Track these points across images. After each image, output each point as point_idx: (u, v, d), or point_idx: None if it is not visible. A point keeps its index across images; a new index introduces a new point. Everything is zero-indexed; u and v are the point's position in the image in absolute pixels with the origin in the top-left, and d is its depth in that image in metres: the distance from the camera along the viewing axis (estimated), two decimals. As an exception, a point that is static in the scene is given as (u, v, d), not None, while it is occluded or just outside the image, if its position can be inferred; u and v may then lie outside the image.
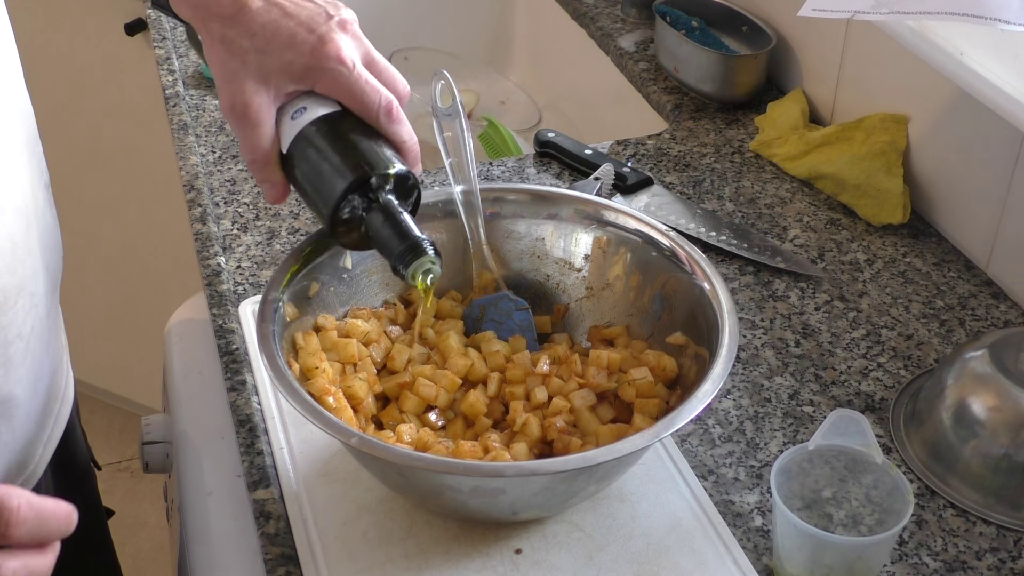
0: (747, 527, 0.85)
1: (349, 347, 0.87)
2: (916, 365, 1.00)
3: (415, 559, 0.81)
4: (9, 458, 0.87)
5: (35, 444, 0.91)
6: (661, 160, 1.28)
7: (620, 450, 0.75)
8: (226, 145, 1.28)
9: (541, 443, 0.84)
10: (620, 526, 0.84)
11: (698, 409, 0.77)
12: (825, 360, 1.00)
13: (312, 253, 0.89)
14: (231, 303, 1.04)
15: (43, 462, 0.93)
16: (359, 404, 0.84)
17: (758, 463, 0.90)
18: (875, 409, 0.96)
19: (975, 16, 0.85)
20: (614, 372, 0.88)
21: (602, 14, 1.59)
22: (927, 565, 0.83)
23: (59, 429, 0.96)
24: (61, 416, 0.96)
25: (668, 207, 1.17)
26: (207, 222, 1.14)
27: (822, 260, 1.13)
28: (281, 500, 0.86)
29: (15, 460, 0.88)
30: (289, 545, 0.83)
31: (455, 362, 0.88)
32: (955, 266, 1.12)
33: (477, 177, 0.94)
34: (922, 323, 1.05)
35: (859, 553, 0.77)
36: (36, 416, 0.90)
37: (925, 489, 0.89)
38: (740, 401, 0.96)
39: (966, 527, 0.86)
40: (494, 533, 0.83)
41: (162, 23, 1.52)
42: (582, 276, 0.96)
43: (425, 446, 0.82)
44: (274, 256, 1.10)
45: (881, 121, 1.19)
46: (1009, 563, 0.84)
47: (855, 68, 1.24)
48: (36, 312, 0.87)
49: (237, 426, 0.93)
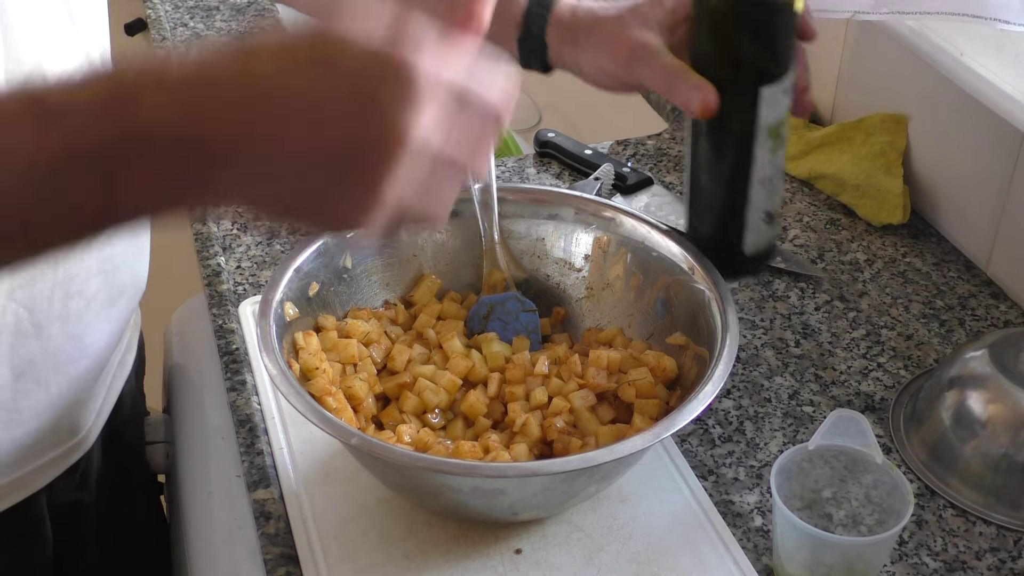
0: (747, 527, 0.85)
1: (349, 347, 0.87)
2: (916, 365, 1.00)
3: (415, 559, 0.81)
4: (58, 415, 0.89)
5: (87, 405, 0.93)
6: (661, 160, 1.27)
7: (620, 451, 0.75)
8: (226, 145, 1.27)
9: (541, 443, 0.84)
10: (620, 526, 0.84)
11: (698, 410, 0.77)
12: (825, 360, 1.00)
13: (312, 253, 0.89)
14: (231, 303, 1.04)
15: (95, 429, 0.95)
16: (359, 404, 0.84)
17: (758, 463, 0.90)
18: (875, 409, 0.96)
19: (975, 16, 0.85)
20: (614, 373, 0.88)
21: (602, 14, 1.59)
22: (927, 565, 0.83)
23: (112, 397, 0.98)
24: (114, 386, 0.98)
25: (668, 207, 1.17)
26: (207, 222, 1.14)
27: (822, 260, 1.13)
28: (281, 500, 0.86)
29: (65, 421, 0.90)
30: (289, 545, 0.83)
31: (456, 363, 0.88)
32: (955, 266, 1.12)
33: (495, 175, 0.94)
34: (922, 323, 1.05)
35: (859, 553, 0.77)
36: (89, 376, 0.92)
37: (925, 489, 0.89)
38: (740, 401, 0.96)
39: (966, 527, 0.86)
40: (494, 533, 0.83)
41: (162, 23, 1.52)
42: (582, 276, 0.96)
43: (425, 446, 0.82)
44: (274, 256, 1.10)
45: (881, 121, 1.19)
46: (1009, 563, 0.84)
47: (855, 68, 1.24)
48: (106, 277, 0.89)
49: (237, 426, 0.93)
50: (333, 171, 0.52)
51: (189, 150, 0.51)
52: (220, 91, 0.51)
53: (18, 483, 0.90)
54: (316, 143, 0.51)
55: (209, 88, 0.51)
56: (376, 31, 0.51)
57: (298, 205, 0.53)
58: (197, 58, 0.52)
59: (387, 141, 0.51)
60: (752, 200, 0.91)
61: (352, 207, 0.53)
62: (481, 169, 0.57)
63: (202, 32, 1.50)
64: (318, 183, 0.52)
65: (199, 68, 0.52)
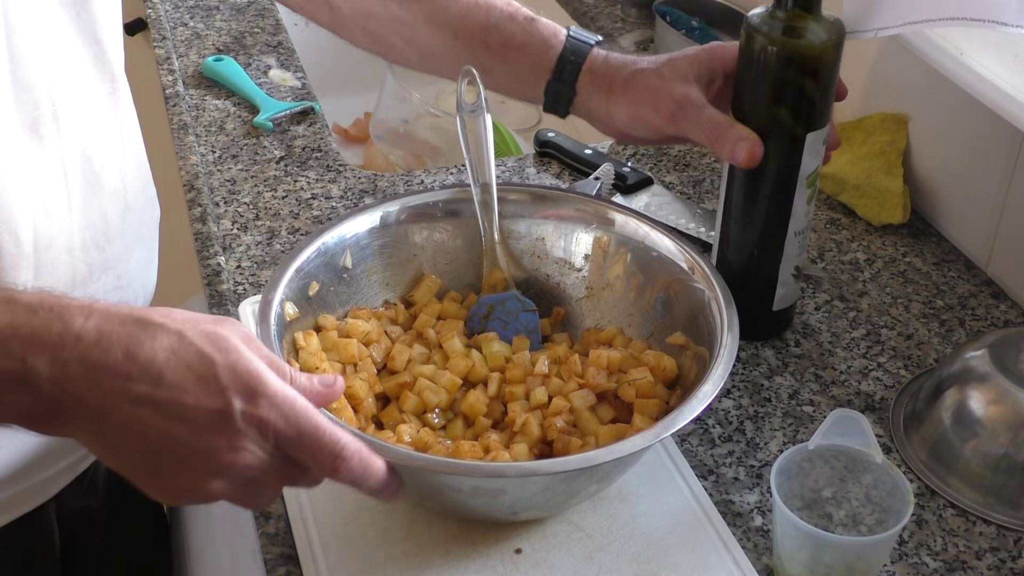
0: (747, 527, 0.85)
1: (349, 347, 0.87)
2: (916, 365, 1.00)
3: (415, 559, 0.81)
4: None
5: None
6: (661, 160, 1.28)
7: (621, 451, 0.75)
8: (226, 145, 1.28)
9: (541, 443, 0.84)
10: (620, 526, 0.84)
11: (698, 409, 0.77)
12: (825, 360, 1.00)
13: (312, 253, 0.89)
14: (231, 303, 1.04)
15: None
16: (359, 404, 0.84)
17: (758, 463, 0.90)
18: (875, 409, 0.96)
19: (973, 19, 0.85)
20: (614, 372, 0.88)
21: (602, 14, 1.59)
22: (927, 565, 0.83)
23: None
24: None
25: (668, 207, 1.17)
26: (207, 222, 1.14)
27: (822, 260, 1.13)
28: (281, 500, 0.86)
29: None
30: (289, 545, 0.83)
31: (456, 363, 0.88)
32: (955, 266, 1.12)
33: (495, 175, 0.94)
34: (922, 323, 1.05)
35: (859, 553, 0.77)
36: None
37: (925, 489, 0.89)
38: (740, 401, 0.96)
39: (966, 527, 0.86)
40: (494, 533, 0.83)
41: (162, 23, 1.52)
42: (582, 276, 0.96)
43: (425, 446, 0.82)
44: (274, 256, 1.10)
45: (881, 121, 1.19)
46: (1009, 563, 0.84)
47: (855, 68, 1.23)
48: (121, 293, 0.90)
49: (237, 426, 0.92)
50: (163, 461, 0.66)
51: (61, 402, 0.63)
52: (105, 372, 0.63)
53: (29, 492, 0.90)
54: (162, 437, 0.64)
55: (96, 369, 0.63)
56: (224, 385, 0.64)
57: (128, 472, 0.66)
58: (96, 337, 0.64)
59: (213, 463, 0.65)
60: (786, 252, 0.94)
61: (176, 493, 0.68)
62: (268, 504, 0.75)
63: (202, 32, 1.50)
64: (148, 465, 0.66)
65: (96, 350, 0.63)
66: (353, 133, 1.62)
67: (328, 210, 1.17)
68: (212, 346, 0.65)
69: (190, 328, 0.65)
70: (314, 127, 1.31)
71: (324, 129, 1.31)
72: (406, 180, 1.23)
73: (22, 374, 0.62)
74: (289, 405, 0.66)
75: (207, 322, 0.67)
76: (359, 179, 1.22)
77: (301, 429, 0.67)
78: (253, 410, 0.65)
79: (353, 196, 1.19)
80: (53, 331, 0.63)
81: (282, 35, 1.51)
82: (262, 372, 0.66)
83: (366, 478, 0.70)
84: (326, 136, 1.30)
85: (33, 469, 0.88)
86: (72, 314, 0.63)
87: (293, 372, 0.70)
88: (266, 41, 1.49)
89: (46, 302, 0.64)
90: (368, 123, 1.50)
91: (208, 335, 0.65)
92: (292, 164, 1.24)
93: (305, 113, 1.33)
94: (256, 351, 0.67)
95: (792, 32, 0.89)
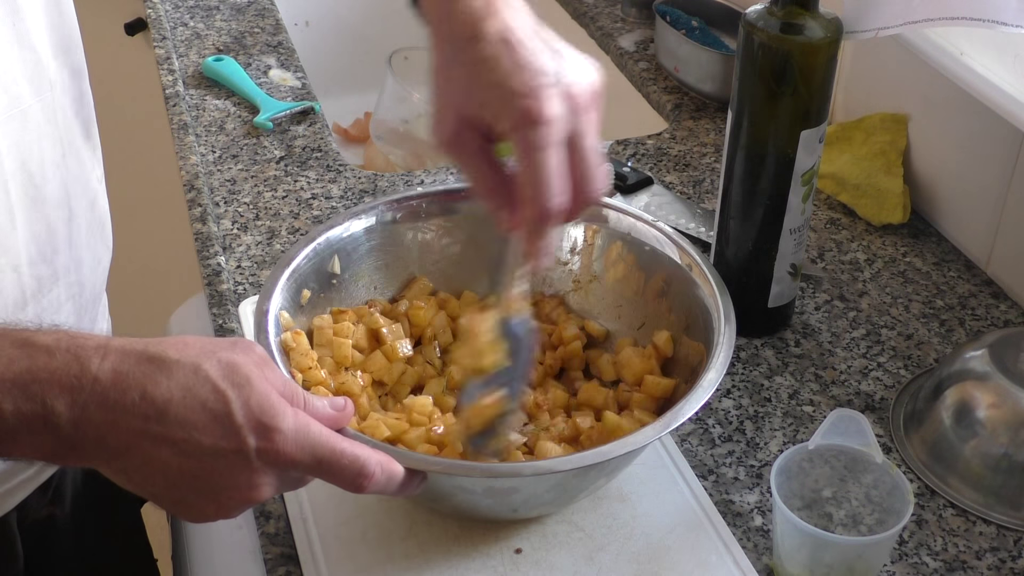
0: (747, 527, 0.85)
1: (343, 347, 0.87)
2: (916, 365, 1.00)
3: (415, 559, 0.81)
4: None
5: None
6: (661, 160, 1.28)
7: (634, 443, 0.76)
8: (226, 145, 1.28)
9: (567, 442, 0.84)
10: (620, 526, 0.84)
11: (704, 398, 0.78)
12: (825, 360, 1.00)
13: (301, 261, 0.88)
14: (231, 303, 1.04)
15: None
16: (355, 401, 0.84)
17: (758, 463, 0.90)
18: (875, 409, 0.96)
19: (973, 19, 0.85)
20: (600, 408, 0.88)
21: (602, 14, 1.59)
22: (927, 565, 0.83)
23: None
24: None
25: (668, 207, 1.17)
26: (207, 222, 1.14)
27: (822, 260, 1.13)
28: (281, 500, 0.86)
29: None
30: (289, 545, 0.83)
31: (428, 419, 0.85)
32: (955, 266, 1.12)
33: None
34: (922, 323, 1.05)
35: (859, 553, 0.77)
36: None
37: (925, 489, 0.89)
38: (740, 401, 0.96)
39: (966, 527, 0.86)
40: (494, 533, 0.83)
41: (162, 23, 1.52)
42: (569, 269, 0.96)
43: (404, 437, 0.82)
44: (274, 256, 1.10)
45: (881, 121, 1.19)
46: (1009, 563, 0.84)
47: (855, 68, 1.24)
48: (76, 302, 0.89)
49: (237, 426, 0.92)
50: (187, 495, 0.68)
51: (82, 442, 0.64)
52: (124, 414, 0.64)
53: None
54: (183, 475, 0.66)
55: (115, 411, 0.64)
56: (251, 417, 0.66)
57: (154, 501, 0.69)
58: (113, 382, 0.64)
59: (235, 498, 0.68)
60: (781, 249, 0.95)
61: (204, 519, 0.70)
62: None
63: (202, 32, 1.50)
64: (176, 495, 0.68)
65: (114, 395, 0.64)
66: (353, 133, 1.62)
67: (328, 210, 1.17)
68: (227, 381, 0.65)
69: (206, 360, 0.66)
70: (314, 127, 1.31)
71: (324, 129, 1.31)
72: (406, 180, 1.23)
73: (43, 416, 0.63)
74: (304, 435, 0.67)
75: (222, 349, 0.67)
76: (359, 179, 1.22)
77: (319, 456, 0.68)
78: (269, 446, 0.66)
79: (353, 196, 1.19)
80: (71, 374, 0.63)
81: (282, 35, 1.51)
82: (275, 405, 0.66)
83: (390, 486, 0.72)
84: (326, 136, 1.30)
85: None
86: (88, 355, 0.64)
87: (306, 397, 0.70)
88: (266, 41, 1.49)
89: (63, 343, 0.64)
90: (368, 123, 1.50)
91: (224, 366, 0.66)
92: (292, 164, 1.24)
93: (305, 113, 1.33)
94: (270, 379, 0.67)
95: (789, 28, 0.90)
